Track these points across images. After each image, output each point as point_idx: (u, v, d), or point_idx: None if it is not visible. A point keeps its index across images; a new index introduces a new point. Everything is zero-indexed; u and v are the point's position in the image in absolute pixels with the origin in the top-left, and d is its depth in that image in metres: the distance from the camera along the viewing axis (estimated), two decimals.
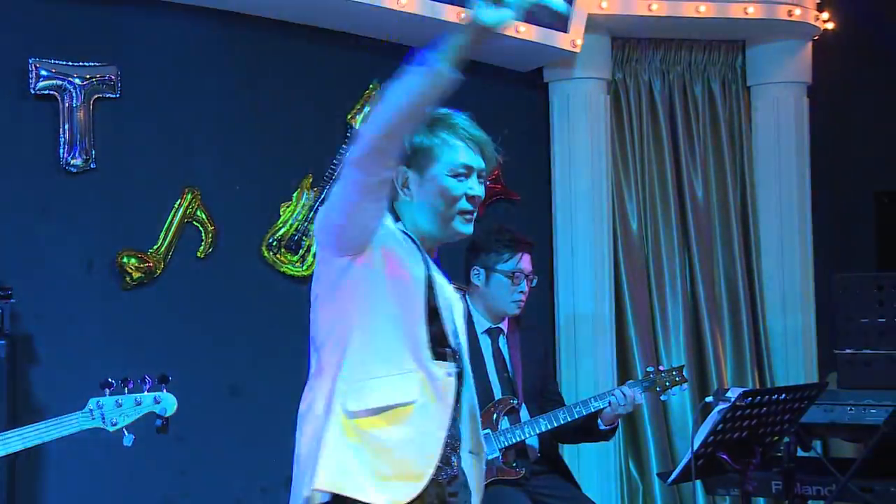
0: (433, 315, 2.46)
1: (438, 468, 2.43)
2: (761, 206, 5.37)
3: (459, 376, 2.52)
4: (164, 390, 2.95)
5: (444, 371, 2.45)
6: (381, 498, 2.34)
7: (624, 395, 3.95)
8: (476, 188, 2.53)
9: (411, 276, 2.44)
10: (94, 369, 4.46)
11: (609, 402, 3.95)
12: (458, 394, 2.50)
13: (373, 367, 2.41)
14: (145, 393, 2.94)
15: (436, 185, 2.50)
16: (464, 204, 2.51)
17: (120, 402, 2.92)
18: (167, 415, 2.95)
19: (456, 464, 2.50)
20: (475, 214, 2.55)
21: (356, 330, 2.42)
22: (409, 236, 2.51)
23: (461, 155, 2.52)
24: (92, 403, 2.91)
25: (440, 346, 2.46)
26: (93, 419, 2.90)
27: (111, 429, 2.91)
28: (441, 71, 2.29)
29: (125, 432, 2.91)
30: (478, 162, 2.54)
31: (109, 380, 2.92)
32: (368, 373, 2.41)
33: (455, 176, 2.51)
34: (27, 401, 4.38)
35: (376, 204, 2.38)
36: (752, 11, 5.13)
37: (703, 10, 5.08)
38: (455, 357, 2.50)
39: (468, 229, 2.54)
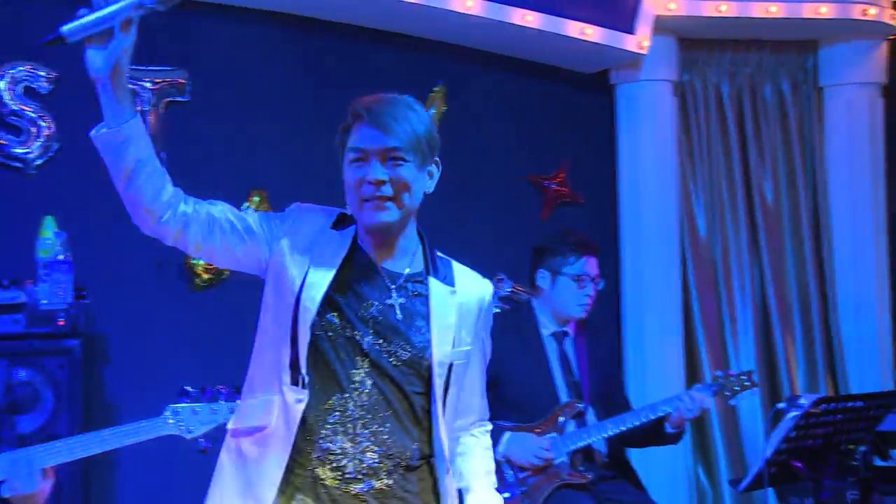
0: (294, 338, 2.34)
1: (346, 481, 2.35)
2: (833, 208, 5.27)
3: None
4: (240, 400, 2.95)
5: (294, 397, 2.34)
6: None
7: (692, 399, 3.91)
8: (374, 171, 2.31)
9: (288, 292, 2.35)
10: (164, 368, 4.51)
11: (677, 406, 3.90)
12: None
13: (250, 387, 2.44)
14: (221, 402, 2.94)
15: (345, 176, 2.38)
16: (364, 190, 2.32)
17: (196, 409, 2.93)
18: None
19: (384, 478, 2.36)
20: (384, 200, 2.32)
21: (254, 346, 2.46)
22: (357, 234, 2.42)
23: (354, 138, 2.35)
24: (169, 410, 2.92)
25: (295, 370, 2.34)
26: (170, 426, 2.91)
27: (187, 436, 2.93)
28: (99, 139, 2.35)
29: (200, 440, 2.92)
30: (375, 142, 2.32)
31: (187, 387, 2.94)
32: (246, 393, 2.45)
33: (353, 163, 2.35)
34: (100, 398, 4.44)
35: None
36: (825, 11, 5.02)
37: (774, 11, 4.99)
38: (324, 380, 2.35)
39: (374, 218, 2.33)
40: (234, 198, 4.79)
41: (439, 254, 2.52)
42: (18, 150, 4.46)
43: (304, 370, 2.33)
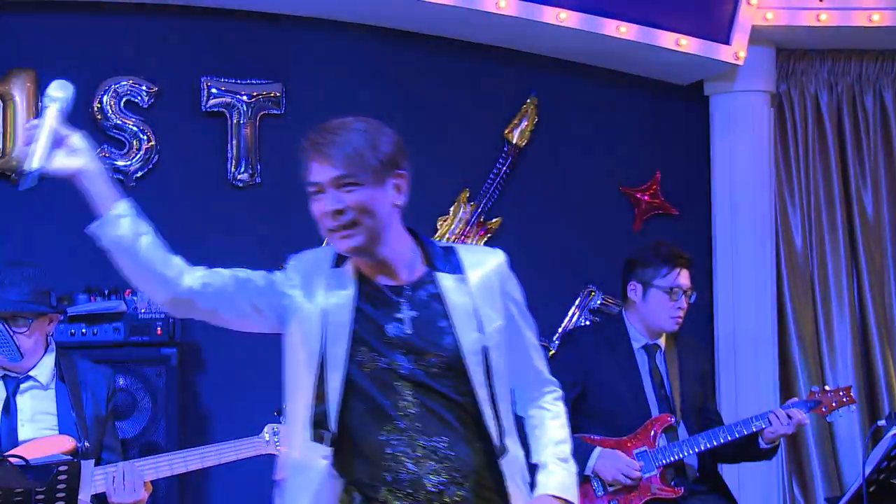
0: (321, 397, 2.33)
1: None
2: None
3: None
4: None
5: (317, 455, 2.33)
6: None
7: (790, 416, 3.84)
8: (329, 202, 2.31)
9: (310, 349, 2.34)
10: (257, 377, 4.59)
11: (771, 422, 3.84)
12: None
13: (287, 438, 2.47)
14: None
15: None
16: (325, 222, 2.33)
17: None
18: None
19: (456, 489, 2.34)
20: (347, 227, 2.32)
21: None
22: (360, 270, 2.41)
23: (308, 173, 2.37)
24: (267, 430, 2.98)
25: (319, 427, 2.33)
26: (268, 445, 2.97)
27: None
28: (98, 232, 2.37)
29: None
30: (323, 174, 2.33)
31: (285, 408, 2.99)
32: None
33: (313, 195, 2.34)
34: (196, 405, 4.53)
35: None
36: None
37: (877, 19, 4.88)
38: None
39: (343, 246, 2.34)
40: None
41: (442, 244, 2.51)
42: (120, 163, 4.60)
43: (332, 427, 2.33)
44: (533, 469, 2.47)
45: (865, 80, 5.17)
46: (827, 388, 4.06)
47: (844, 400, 3.99)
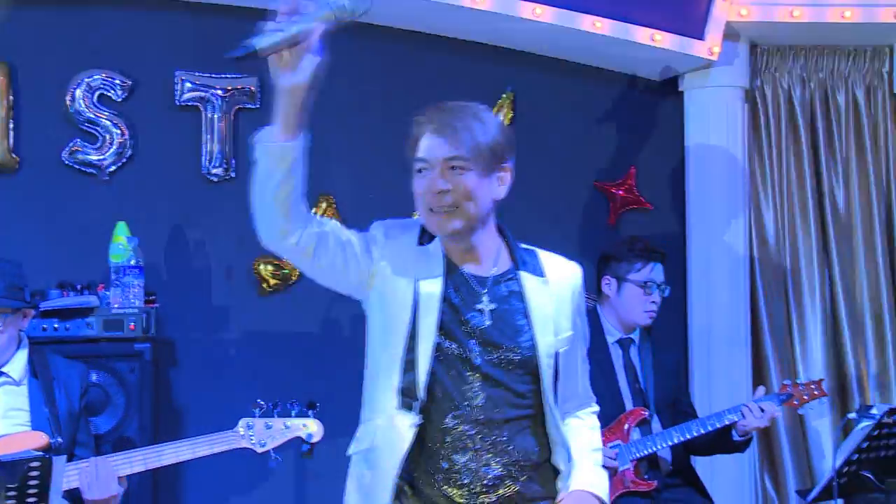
0: (409, 366, 2.36)
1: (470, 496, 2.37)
2: None
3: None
4: (312, 415, 2.99)
5: (405, 422, 2.37)
6: None
7: (762, 409, 3.87)
8: (437, 181, 2.35)
9: (399, 320, 2.37)
10: (231, 372, 4.59)
11: (744, 415, 3.87)
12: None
13: (365, 412, 2.47)
14: (293, 417, 2.98)
15: (412, 185, 2.42)
16: (428, 200, 2.37)
17: (269, 424, 2.98)
18: (313, 440, 2.99)
19: (511, 484, 2.39)
20: (448, 209, 2.35)
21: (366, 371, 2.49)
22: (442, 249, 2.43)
23: (418, 148, 2.40)
24: (242, 424, 2.97)
25: (408, 395, 2.37)
26: (243, 439, 2.96)
27: (259, 450, 2.98)
28: (265, 148, 2.35)
29: (272, 454, 2.97)
30: (437, 151, 2.36)
31: (260, 401, 2.98)
32: (363, 418, 2.48)
33: (418, 171, 2.39)
34: (169, 401, 4.52)
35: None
36: None
37: (849, 16, 4.91)
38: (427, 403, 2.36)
39: (440, 227, 2.37)
40: None
41: (524, 245, 2.53)
42: (93, 157, 4.57)
43: (421, 395, 2.36)
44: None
45: (838, 76, 5.20)
46: (799, 381, 4.10)
47: (816, 393, 4.03)
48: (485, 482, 2.37)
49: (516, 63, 4.98)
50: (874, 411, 3.32)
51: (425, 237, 2.45)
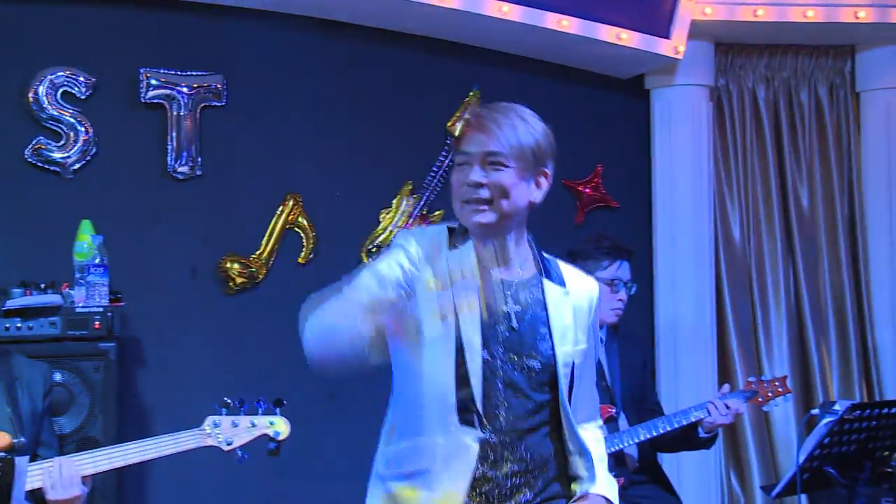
0: (463, 380, 2.34)
1: None
2: (870, 215, 5.23)
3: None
4: (279, 413, 2.98)
5: (469, 438, 2.35)
6: None
7: (728, 406, 3.89)
8: (475, 174, 2.36)
9: (442, 334, 2.34)
10: (197, 371, 4.56)
11: (710, 412, 3.89)
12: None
13: (398, 430, 2.43)
14: (260, 415, 2.97)
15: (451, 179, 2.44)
16: (463, 192, 2.38)
17: (236, 422, 2.96)
18: (280, 438, 2.98)
19: (527, 492, 2.40)
20: (482, 202, 2.36)
21: (394, 388, 2.46)
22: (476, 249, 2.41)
23: (461, 142, 2.41)
24: (209, 422, 2.95)
25: (466, 411, 2.35)
26: (209, 437, 2.94)
27: (226, 448, 2.96)
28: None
29: (238, 452, 2.95)
30: (477, 146, 2.37)
31: (226, 399, 2.97)
32: (395, 438, 2.43)
33: (458, 166, 2.41)
34: (135, 400, 4.49)
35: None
36: (863, 15, 4.99)
37: (811, 15, 4.96)
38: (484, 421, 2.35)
39: (470, 219, 2.37)
40: (268, 202, 4.89)
41: (545, 254, 2.54)
42: (57, 155, 4.53)
43: (479, 409, 2.34)
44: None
45: (801, 75, 5.24)
46: (763, 378, 4.12)
47: (780, 390, 4.05)
48: (504, 491, 2.39)
49: (483, 61, 4.98)
50: (837, 407, 3.34)
51: (456, 240, 2.43)
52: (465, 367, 2.35)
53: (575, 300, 2.48)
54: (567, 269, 2.55)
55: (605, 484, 2.50)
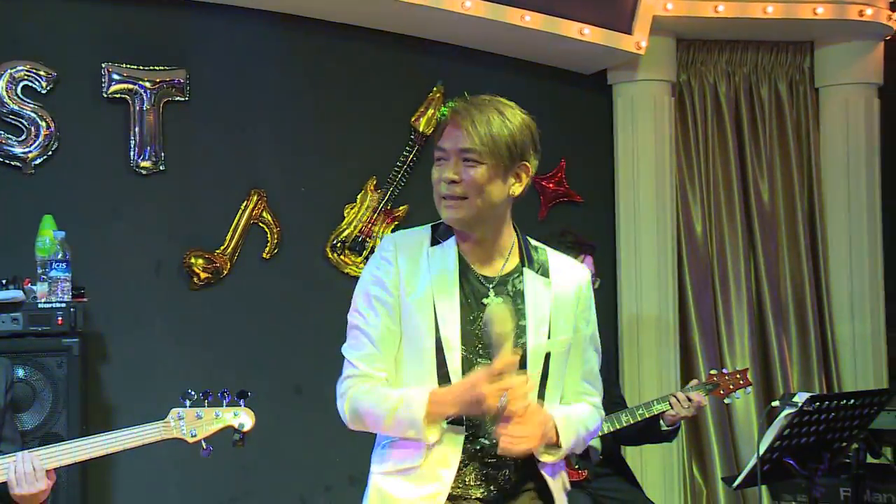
0: (445, 379, 2.38)
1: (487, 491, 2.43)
2: (829, 209, 5.28)
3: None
4: (243, 405, 2.97)
5: (454, 434, 2.40)
6: None
7: (689, 399, 3.92)
8: (447, 170, 2.38)
9: (423, 334, 2.39)
10: (162, 366, 4.54)
11: (672, 405, 3.92)
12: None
13: None
14: (224, 407, 2.95)
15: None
16: (439, 188, 2.40)
17: (200, 413, 2.94)
18: (245, 430, 2.97)
19: (500, 480, 2.45)
20: (456, 199, 2.38)
21: None
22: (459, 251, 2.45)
23: (441, 138, 2.42)
24: (173, 414, 2.94)
25: None
26: (174, 430, 2.92)
27: (191, 440, 2.94)
28: (422, 437, 2.37)
29: (203, 444, 2.94)
30: (453, 142, 2.38)
31: (190, 391, 2.95)
32: (385, 436, 2.47)
33: (436, 160, 2.43)
34: (99, 396, 4.45)
35: None
36: (822, 12, 5.03)
37: (771, 11, 5.00)
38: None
39: (446, 214, 2.40)
40: (233, 197, 4.87)
41: (533, 242, 2.55)
42: (18, 150, 4.48)
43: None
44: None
45: (761, 71, 5.28)
46: (725, 371, 4.15)
47: (741, 382, 4.08)
48: (479, 477, 2.43)
49: (447, 56, 4.98)
50: (797, 399, 3.36)
51: (440, 237, 2.46)
52: (445, 367, 2.38)
53: (558, 290, 2.47)
54: (556, 259, 2.54)
55: (567, 419, 2.49)
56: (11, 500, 2.96)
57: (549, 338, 2.44)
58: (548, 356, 2.45)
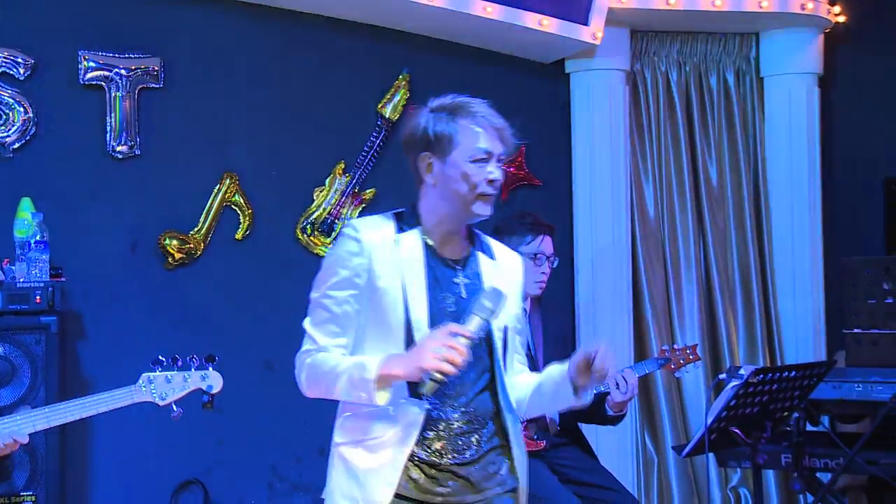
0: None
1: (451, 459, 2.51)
2: (773, 192, 5.33)
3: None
4: (211, 369, 2.98)
5: (416, 408, 2.47)
6: None
7: (625, 380, 3.90)
8: (495, 172, 2.53)
9: (391, 316, 2.47)
10: (137, 344, 4.52)
11: (618, 383, 3.91)
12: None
13: (352, 403, 2.51)
14: (193, 370, 2.97)
15: (458, 170, 2.51)
16: (484, 187, 2.51)
17: (170, 377, 2.95)
18: (213, 391, 2.98)
19: (465, 447, 2.53)
20: (494, 196, 2.55)
21: None
22: (424, 240, 2.54)
23: (481, 140, 2.53)
24: (143, 378, 2.94)
25: (413, 385, 2.45)
26: (144, 393, 2.93)
27: (161, 402, 2.95)
28: (371, 398, 2.42)
29: (174, 406, 2.95)
30: (496, 147, 2.54)
31: (160, 357, 2.96)
32: (347, 408, 2.54)
33: (475, 161, 2.52)
34: (76, 372, 4.43)
35: None
36: (766, 5, 5.07)
37: (719, 3, 5.03)
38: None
39: (487, 211, 2.54)
40: (206, 180, 4.84)
41: (476, 230, 2.66)
42: None
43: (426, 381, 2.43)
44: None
45: (710, 60, 5.32)
46: (676, 346, 4.19)
47: (691, 357, 4.12)
48: (455, 447, 2.51)
49: (412, 46, 4.97)
50: (742, 372, 3.40)
51: (404, 225, 2.55)
52: (413, 344, 2.44)
53: (503, 270, 2.60)
54: (494, 244, 2.67)
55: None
56: None
57: (505, 313, 2.53)
58: (506, 329, 2.56)
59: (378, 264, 2.47)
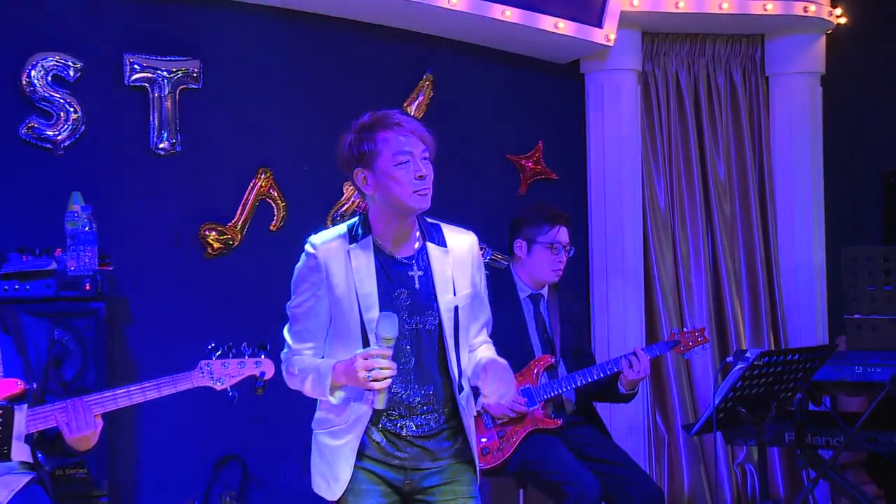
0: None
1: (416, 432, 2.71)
2: (778, 185, 5.32)
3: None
4: (263, 356, 3.05)
5: (377, 399, 2.62)
6: (329, 493, 2.73)
7: (637, 358, 3.93)
8: (422, 167, 2.65)
9: (350, 317, 2.66)
10: (180, 328, 4.56)
11: (625, 366, 3.93)
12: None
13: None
14: (247, 358, 3.03)
15: (387, 176, 2.64)
16: (414, 184, 2.64)
17: (226, 364, 3.02)
18: (266, 378, 3.05)
19: (421, 418, 2.71)
20: (428, 189, 2.65)
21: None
22: (373, 239, 2.71)
23: (399, 144, 2.64)
24: (201, 365, 3.01)
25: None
26: (203, 378, 3.00)
27: (218, 387, 3.02)
28: (328, 399, 2.70)
29: (229, 391, 3.02)
30: (416, 146, 2.66)
31: (215, 345, 3.04)
32: (320, 401, 2.80)
33: (399, 164, 2.63)
34: (123, 354, 4.48)
35: None
36: (771, 8, 5.05)
37: (726, 7, 5.01)
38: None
39: (425, 203, 2.66)
40: (243, 174, 4.87)
41: (429, 220, 2.78)
42: (49, 133, 4.48)
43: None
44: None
45: (718, 61, 5.30)
46: (685, 329, 4.19)
47: (699, 339, 4.12)
48: (418, 426, 2.70)
49: (435, 48, 4.99)
50: (748, 355, 3.40)
51: (357, 235, 2.70)
52: (369, 345, 2.63)
53: (455, 255, 2.73)
54: (449, 230, 2.79)
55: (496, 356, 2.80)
56: (64, 445, 2.99)
57: (454, 294, 2.69)
58: (456, 309, 2.70)
59: (333, 276, 2.66)
